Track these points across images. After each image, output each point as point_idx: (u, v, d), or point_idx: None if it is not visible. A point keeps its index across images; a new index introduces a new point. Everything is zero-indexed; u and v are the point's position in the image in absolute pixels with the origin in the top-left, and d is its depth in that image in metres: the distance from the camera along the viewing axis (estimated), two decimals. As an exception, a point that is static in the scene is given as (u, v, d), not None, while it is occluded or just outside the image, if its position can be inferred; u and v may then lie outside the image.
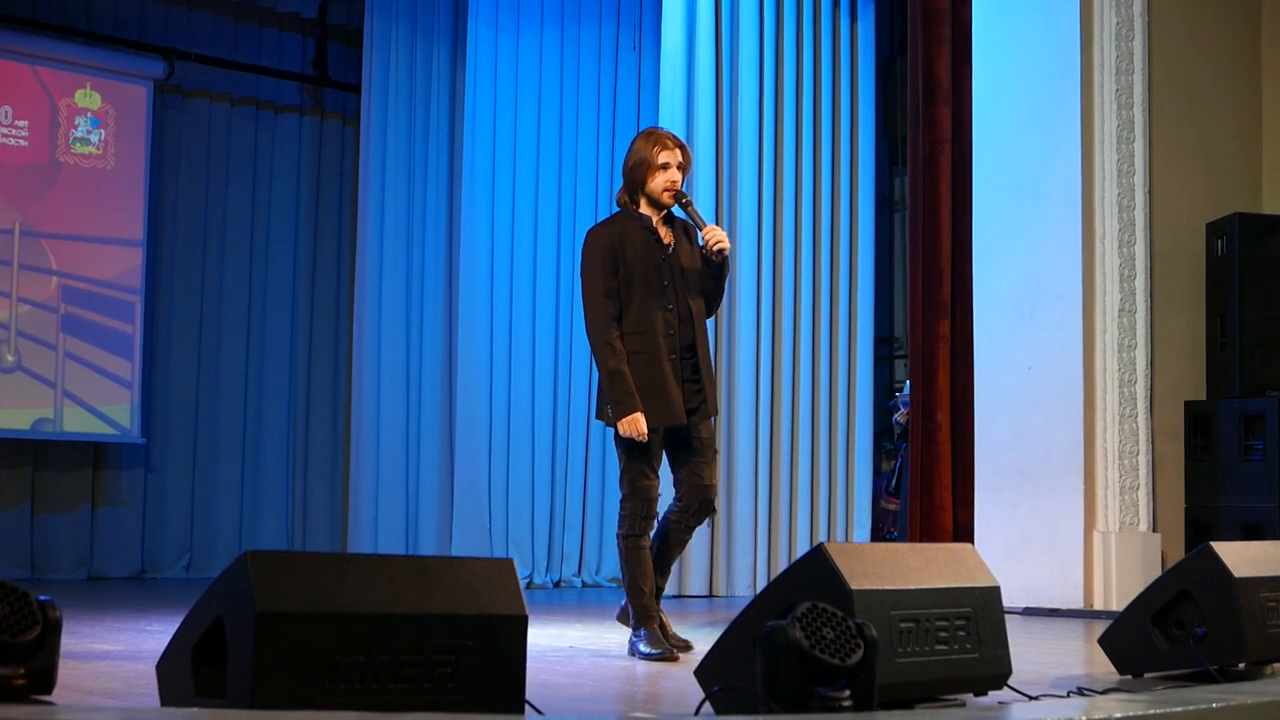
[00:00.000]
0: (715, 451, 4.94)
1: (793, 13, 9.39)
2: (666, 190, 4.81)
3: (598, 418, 4.92)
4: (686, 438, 4.82)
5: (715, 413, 4.88)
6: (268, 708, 2.33)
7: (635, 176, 4.84)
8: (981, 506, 7.36)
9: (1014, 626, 3.68)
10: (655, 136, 4.87)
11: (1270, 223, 7.34)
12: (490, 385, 9.46)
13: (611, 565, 9.50)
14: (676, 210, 4.91)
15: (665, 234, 4.86)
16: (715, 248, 4.79)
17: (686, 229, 4.94)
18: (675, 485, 4.95)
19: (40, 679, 2.60)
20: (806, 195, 9.38)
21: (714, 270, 4.86)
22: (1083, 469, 6.96)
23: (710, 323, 5.35)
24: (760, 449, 9.06)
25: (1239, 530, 6.90)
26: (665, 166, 4.80)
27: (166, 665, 2.66)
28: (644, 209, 4.85)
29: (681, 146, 4.88)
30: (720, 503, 8.45)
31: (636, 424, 4.66)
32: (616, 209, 4.95)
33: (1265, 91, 7.76)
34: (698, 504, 4.83)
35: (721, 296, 4.98)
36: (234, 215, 10.08)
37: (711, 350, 8.58)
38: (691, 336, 4.82)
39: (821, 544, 3.04)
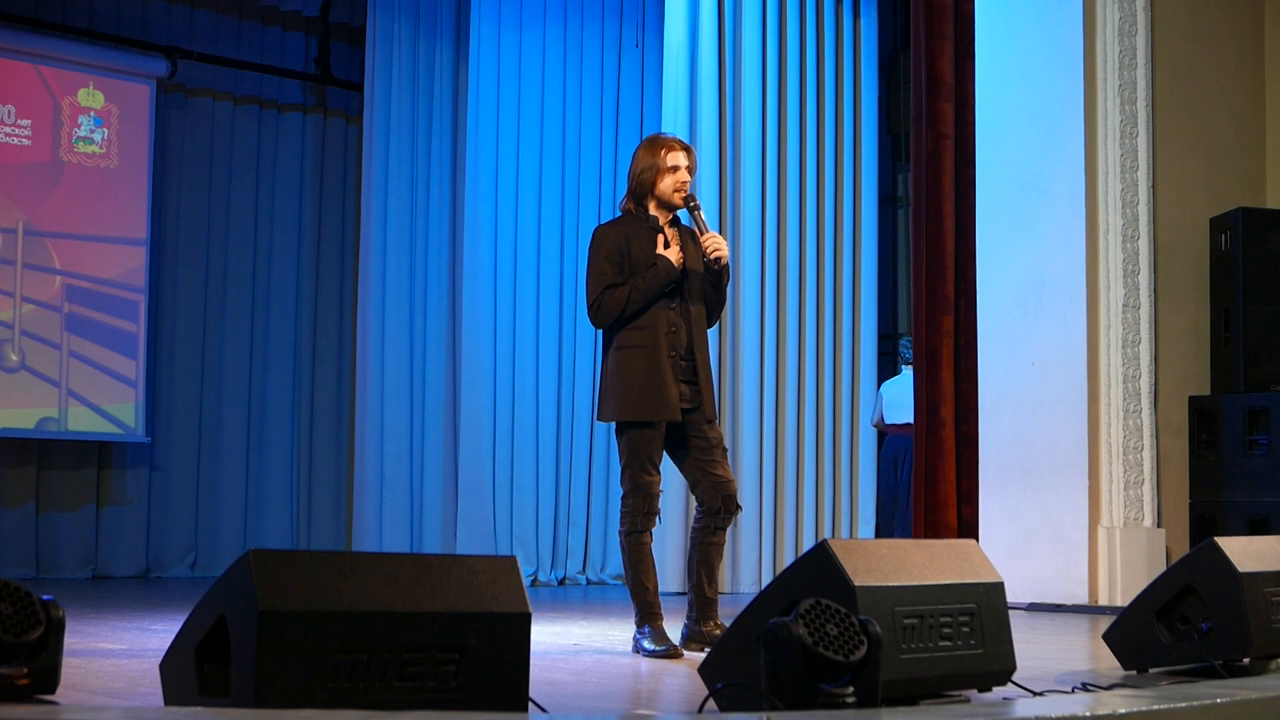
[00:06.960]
0: (724, 451, 4.93)
1: (795, 9, 9.38)
2: (677, 191, 4.82)
3: (599, 418, 4.92)
4: (687, 438, 4.82)
5: (712, 418, 4.87)
6: (271, 706, 2.33)
7: (644, 181, 4.84)
8: (985, 502, 7.35)
9: (1018, 622, 3.68)
10: (662, 141, 4.89)
11: (1274, 217, 7.33)
12: (494, 382, 9.46)
13: (616, 563, 9.50)
14: (684, 216, 4.91)
15: (672, 236, 4.87)
16: (713, 255, 4.80)
17: (693, 234, 4.94)
18: (693, 490, 4.94)
19: (43, 678, 2.60)
20: (810, 191, 9.37)
21: (713, 278, 4.87)
22: (1087, 464, 6.96)
23: (714, 320, 5.34)
24: (764, 444, 9.06)
25: (1244, 525, 6.89)
26: (675, 169, 4.82)
27: (170, 664, 2.66)
28: (652, 212, 4.86)
29: (688, 150, 4.90)
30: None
31: (671, 253, 4.76)
32: (619, 214, 4.95)
33: (1268, 86, 7.75)
34: (720, 502, 4.79)
35: (722, 305, 4.99)
36: (237, 214, 10.09)
37: (715, 348, 8.59)
38: (691, 339, 4.82)
39: (825, 540, 3.03)
